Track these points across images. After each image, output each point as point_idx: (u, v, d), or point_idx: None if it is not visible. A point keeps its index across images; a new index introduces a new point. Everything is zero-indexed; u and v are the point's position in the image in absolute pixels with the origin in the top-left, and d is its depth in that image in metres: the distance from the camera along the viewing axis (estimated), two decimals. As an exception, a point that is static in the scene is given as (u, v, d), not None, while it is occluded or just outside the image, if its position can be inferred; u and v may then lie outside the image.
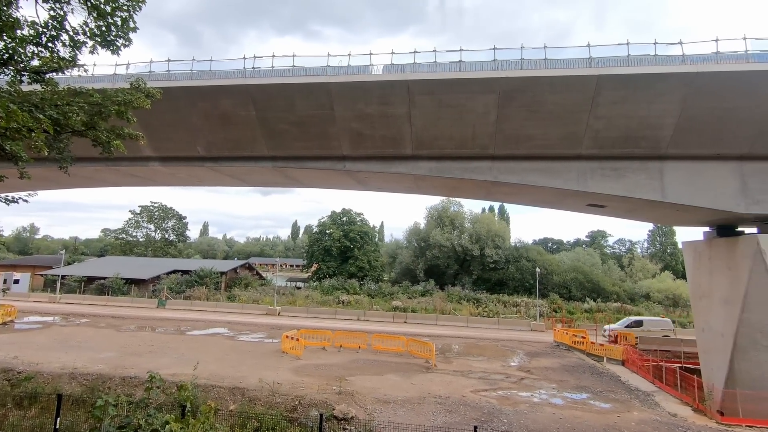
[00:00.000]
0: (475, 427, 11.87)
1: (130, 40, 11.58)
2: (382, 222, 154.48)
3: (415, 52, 17.38)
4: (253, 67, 18.60)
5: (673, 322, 43.99)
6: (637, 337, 31.42)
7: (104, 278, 52.74)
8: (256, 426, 13.26)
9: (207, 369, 20.36)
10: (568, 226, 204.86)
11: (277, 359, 24.12)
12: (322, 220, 70.64)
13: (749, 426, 16.50)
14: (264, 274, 72.64)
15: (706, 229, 21.37)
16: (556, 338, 33.52)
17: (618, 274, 63.60)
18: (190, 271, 56.05)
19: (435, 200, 70.18)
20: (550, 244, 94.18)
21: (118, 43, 11.47)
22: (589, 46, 16.50)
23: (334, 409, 15.58)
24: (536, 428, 15.21)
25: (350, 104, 17.85)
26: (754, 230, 18.86)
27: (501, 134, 17.83)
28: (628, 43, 16.38)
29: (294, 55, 18.25)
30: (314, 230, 75.39)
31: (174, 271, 56.73)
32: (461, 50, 17.11)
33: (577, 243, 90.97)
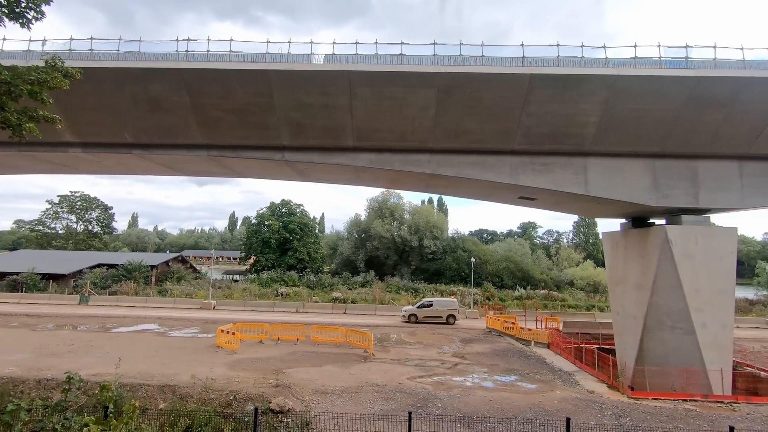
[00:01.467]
0: (410, 413, 12.21)
1: (42, 13, 10.58)
2: (323, 214, 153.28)
3: (357, 43, 17.26)
4: (187, 51, 17.65)
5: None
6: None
7: (17, 273, 48.17)
8: (188, 424, 12.83)
9: (135, 367, 19.37)
10: (502, 217, 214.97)
11: (211, 354, 23.36)
12: (260, 212, 68.82)
13: (655, 398, 18.27)
14: (199, 268, 69.83)
15: (623, 220, 23.26)
16: (488, 325, 35.08)
17: (546, 263, 67.37)
18: (118, 264, 52.59)
19: (376, 192, 70.56)
20: (485, 235, 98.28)
21: (28, 16, 10.45)
22: (522, 45, 17.19)
23: (270, 403, 15.41)
24: (468, 411, 15.91)
25: (290, 93, 17.48)
26: (663, 222, 20.80)
27: (440, 128, 18.27)
28: (558, 45, 17.25)
29: (231, 40, 17.54)
30: (252, 222, 73.29)
31: (99, 265, 52.96)
32: (402, 43, 17.23)
33: (510, 234, 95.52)
